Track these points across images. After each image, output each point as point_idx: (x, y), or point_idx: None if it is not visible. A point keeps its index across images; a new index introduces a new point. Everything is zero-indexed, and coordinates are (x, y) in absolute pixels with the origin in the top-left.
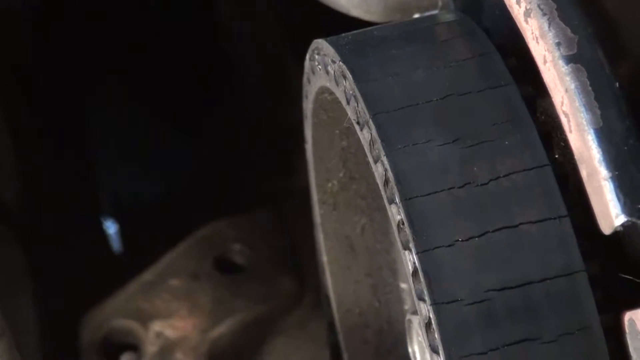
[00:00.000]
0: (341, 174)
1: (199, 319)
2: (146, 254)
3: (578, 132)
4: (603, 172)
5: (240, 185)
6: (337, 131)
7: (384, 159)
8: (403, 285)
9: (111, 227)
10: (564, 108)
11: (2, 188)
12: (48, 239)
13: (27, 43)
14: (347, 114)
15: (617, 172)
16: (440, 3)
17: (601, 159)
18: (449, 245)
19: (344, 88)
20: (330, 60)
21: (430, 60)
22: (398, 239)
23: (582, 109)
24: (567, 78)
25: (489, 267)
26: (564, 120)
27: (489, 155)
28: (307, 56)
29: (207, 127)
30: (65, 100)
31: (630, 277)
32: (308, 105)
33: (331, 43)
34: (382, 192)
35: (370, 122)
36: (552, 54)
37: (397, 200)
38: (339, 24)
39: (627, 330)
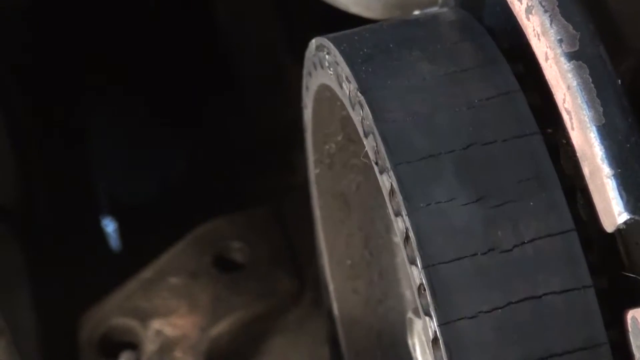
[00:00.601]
0: (339, 137)
1: (198, 317)
2: (145, 252)
3: (580, 130)
4: (605, 170)
5: (239, 182)
6: (338, 103)
7: (406, 218)
8: (396, 239)
9: (110, 226)
10: (566, 105)
11: (0, 187)
12: (46, 237)
13: (25, 42)
14: None
15: (619, 170)
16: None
17: (603, 156)
18: (472, 317)
19: (361, 117)
20: (345, 78)
21: (452, 95)
22: (418, 302)
23: (584, 106)
24: (569, 75)
25: (512, 340)
26: (566, 117)
27: (513, 217)
28: (309, 51)
29: (205, 124)
30: (62, 99)
31: (633, 275)
32: (309, 95)
33: (344, 56)
34: (402, 248)
35: (392, 173)
36: (554, 51)
37: (419, 264)
38: (337, 21)
39: (629, 328)
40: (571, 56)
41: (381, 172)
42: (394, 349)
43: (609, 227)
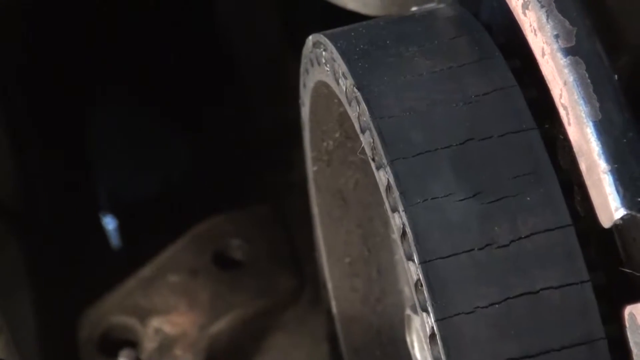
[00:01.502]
0: (337, 134)
1: (198, 314)
2: (145, 249)
3: (577, 125)
4: (602, 165)
5: (239, 180)
6: (335, 100)
7: (403, 214)
8: (393, 236)
9: (110, 223)
10: (563, 101)
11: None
12: (46, 234)
13: (26, 41)
14: None
15: (616, 165)
16: None
17: (600, 151)
18: (469, 313)
19: (357, 114)
20: (341, 74)
21: (449, 91)
22: (415, 298)
23: (581, 101)
24: (566, 70)
25: (509, 335)
26: (562, 113)
27: (510, 212)
28: (306, 48)
29: (206, 122)
30: (63, 97)
31: (630, 271)
32: (306, 92)
33: (341, 52)
34: (399, 245)
35: (388, 169)
36: (550, 47)
37: (416, 259)
38: (338, 18)
39: (627, 324)
40: (568, 52)
41: (378, 168)
42: (392, 346)
43: (605, 223)
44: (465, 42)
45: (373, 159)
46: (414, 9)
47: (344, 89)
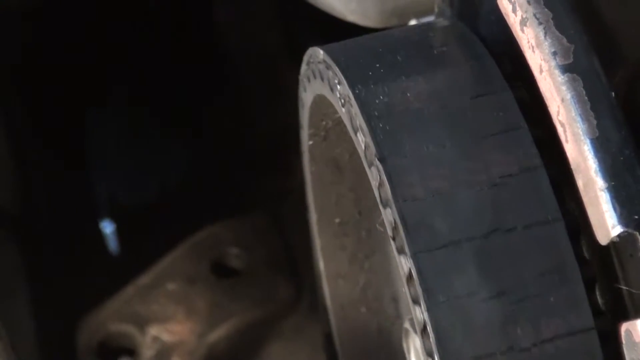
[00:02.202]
0: (338, 114)
1: (196, 323)
2: (143, 255)
3: (574, 142)
4: (599, 183)
5: (237, 186)
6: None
7: (425, 312)
8: None
9: (108, 228)
10: (560, 118)
11: None
12: (44, 240)
13: (25, 44)
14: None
15: (613, 183)
16: (436, 9)
17: (597, 169)
18: None
19: (377, 183)
20: (358, 125)
21: (473, 171)
22: None
23: (578, 118)
24: (563, 88)
25: None
26: (560, 130)
27: (533, 314)
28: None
29: (204, 128)
30: (61, 101)
31: (626, 288)
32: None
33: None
34: (419, 340)
35: (411, 261)
36: (548, 64)
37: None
38: (336, 25)
39: (623, 341)
40: (565, 69)
41: (399, 253)
42: (378, 302)
43: (602, 240)
44: (487, 104)
45: (393, 239)
46: (413, 22)
47: (363, 151)
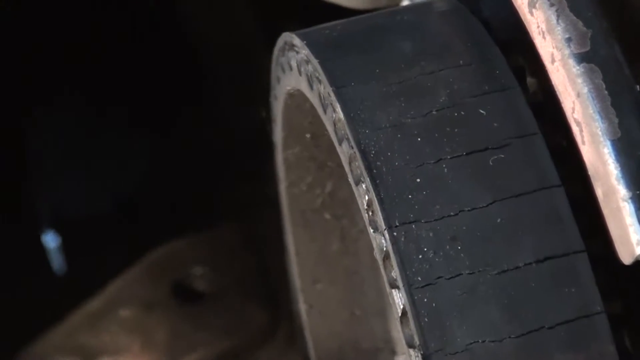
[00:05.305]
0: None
1: (154, 356)
2: (93, 276)
3: (592, 144)
4: (622, 192)
5: (203, 195)
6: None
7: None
8: None
9: (52, 243)
10: (576, 115)
11: None
12: None
13: None
14: None
15: (638, 192)
16: None
17: (619, 175)
18: None
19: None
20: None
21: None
22: None
23: (597, 116)
24: (579, 80)
25: None
26: (575, 129)
27: None
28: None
29: (166, 125)
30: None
31: None
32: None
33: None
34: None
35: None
36: (561, 52)
37: None
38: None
39: None
40: (581, 58)
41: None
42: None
43: (626, 258)
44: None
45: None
46: (405, 2)
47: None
